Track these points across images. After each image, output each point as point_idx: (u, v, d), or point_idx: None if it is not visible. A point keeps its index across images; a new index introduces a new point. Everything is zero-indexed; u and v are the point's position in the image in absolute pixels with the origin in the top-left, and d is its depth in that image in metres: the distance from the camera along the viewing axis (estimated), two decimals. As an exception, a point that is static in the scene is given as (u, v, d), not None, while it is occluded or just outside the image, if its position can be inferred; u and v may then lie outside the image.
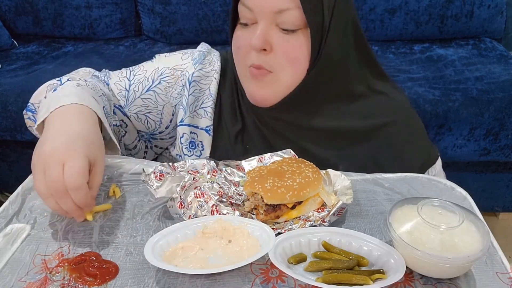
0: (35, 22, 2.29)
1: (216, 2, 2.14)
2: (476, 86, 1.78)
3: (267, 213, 0.71)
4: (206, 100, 0.95)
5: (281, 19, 0.80)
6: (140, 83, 0.95)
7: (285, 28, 0.81)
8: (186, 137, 0.95)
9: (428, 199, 0.66)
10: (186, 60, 0.95)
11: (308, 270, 0.64)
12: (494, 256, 0.67)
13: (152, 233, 0.69)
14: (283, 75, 0.84)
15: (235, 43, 0.87)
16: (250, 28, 0.83)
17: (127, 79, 0.95)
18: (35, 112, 0.89)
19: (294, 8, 0.79)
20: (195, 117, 0.95)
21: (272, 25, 0.81)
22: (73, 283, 0.62)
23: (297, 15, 0.80)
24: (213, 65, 0.96)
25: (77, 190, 0.67)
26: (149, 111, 0.95)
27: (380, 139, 0.90)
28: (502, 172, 1.90)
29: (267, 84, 0.85)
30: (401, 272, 0.60)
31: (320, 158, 0.87)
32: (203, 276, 0.63)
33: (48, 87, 0.87)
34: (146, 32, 2.32)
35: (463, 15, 2.12)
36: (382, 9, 2.12)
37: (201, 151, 0.95)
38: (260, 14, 0.81)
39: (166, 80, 0.94)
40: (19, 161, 2.01)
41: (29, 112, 0.90)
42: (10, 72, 1.98)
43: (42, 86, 0.89)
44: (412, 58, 2.05)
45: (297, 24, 0.80)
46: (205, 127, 0.95)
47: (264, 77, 0.84)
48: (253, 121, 0.93)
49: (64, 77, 0.89)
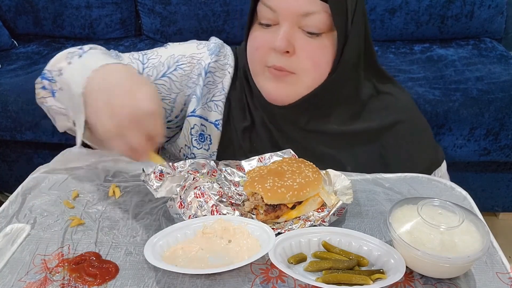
0: (35, 22, 2.29)
1: (216, 2, 2.14)
2: (476, 86, 1.78)
3: (267, 213, 0.71)
4: (218, 94, 0.93)
5: (306, 22, 0.80)
6: (155, 68, 0.91)
7: (309, 31, 0.80)
8: (197, 128, 0.94)
9: (428, 199, 0.66)
10: (202, 50, 0.93)
11: (308, 270, 0.63)
12: (494, 256, 0.67)
13: (152, 233, 0.69)
14: (305, 77, 0.84)
15: (253, 43, 0.86)
16: (271, 29, 0.82)
17: (140, 62, 0.91)
18: (52, 80, 0.80)
19: (320, 11, 0.79)
20: (205, 109, 0.94)
21: (295, 27, 0.80)
22: (73, 283, 0.62)
23: (323, 19, 0.79)
24: (227, 59, 0.94)
25: (151, 115, 0.65)
26: (161, 98, 0.91)
27: (388, 139, 0.90)
28: (502, 172, 1.90)
29: (288, 84, 0.84)
30: (401, 272, 0.60)
31: (328, 159, 0.87)
32: (203, 276, 0.63)
33: (68, 54, 0.80)
34: (146, 32, 2.32)
35: (463, 15, 2.12)
36: (382, 9, 2.12)
37: (209, 145, 0.94)
38: (284, 16, 0.80)
39: (182, 67, 0.92)
40: (19, 161, 2.01)
41: (45, 80, 0.81)
42: (10, 72, 1.98)
43: (60, 54, 0.81)
44: (412, 58, 2.06)
45: (322, 27, 0.80)
46: (214, 121, 0.94)
47: (285, 77, 0.84)
48: (261, 119, 0.93)
49: (84, 46, 0.83)
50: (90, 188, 0.81)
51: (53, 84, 0.80)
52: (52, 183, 0.82)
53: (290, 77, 0.84)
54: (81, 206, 0.77)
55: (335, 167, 0.81)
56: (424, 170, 0.86)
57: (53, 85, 0.80)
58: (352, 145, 0.90)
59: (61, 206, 0.77)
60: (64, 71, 0.76)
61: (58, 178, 0.83)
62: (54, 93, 0.80)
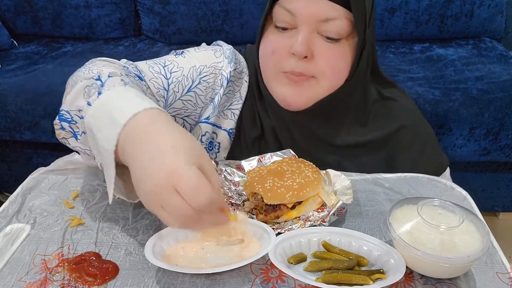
0: (34, 22, 2.28)
1: (215, 1, 2.14)
2: (476, 86, 1.78)
3: (267, 213, 0.71)
4: (236, 103, 0.92)
5: (326, 27, 0.79)
6: (180, 83, 0.86)
7: (329, 37, 0.80)
8: (208, 136, 0.92)
9: (428, 199, 0.66)
10: (220, 58, 0.90)
11: (308, 270, 0.63)
12: (494, 256, 0.67)
13: (152, 233, 0.69)
14: (324, 82, 0.83)
15: (268, 46, 0.84)
16: (288, 33, 0.82)
17: (164, 77, 0.85)
18: (72, 122, 0.71)
19: (340, 17, 0.78)
20: (221, 117, 0.92)
21: (313, 33, 0.80)
22: (73, 283, 0.62)
23: (343, 25, 0.79)
24: (243, 67, 0.93)
25: (208, 206, 0.55)
26: (188, 114, 0.89)
27: (393, 146, 0.90)
28: (502, 172, 1.90)
29: (306, 88, 0.84)
30: (401, 272, 0.60)
31: (336, 169, 0.86)
32: (203, 276, 0.63)
33: (85, 89, 0.70)
34: (146, 32, 2.32)
35: (463, 15, 2.12)
36: (382, 8, 2.12)
37: (217, 153, 0.94)
38: (303, 20, 0.79)
39: (206, 79, 0.88)
40: (19, 161, 2.01)
41: (65, 122, 0.72)
42: (9, 72, 1.98)
43: (76, 89, 0.70)
44: (412, 57, 2.05)
45: (342, 33, 0.80)
46: (228, 129, 0.93)
47: (304, 82, 0.83)
48: (271, 128, 0.92)
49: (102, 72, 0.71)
50: (90, 188, 0.81)
51: (73, 125, 0.72)
52: (52, 183, 0.82)
53: (309, 81, 0.83)
54: (81, 206, 0.77)
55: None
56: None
57: (74, 127, 0.72)
58: (360, 155, 0.90)
59: (61, 206, 0.77)
60: (85, 113, 0.66)
61: (58, 178, 0.83)
62: (77, 136, 0.72)
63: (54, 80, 1.87)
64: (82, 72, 0.74)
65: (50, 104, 1.76)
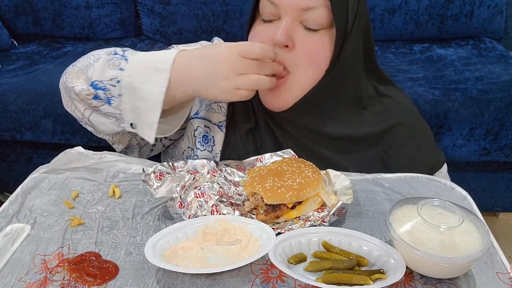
0: (34, 22, 2.28)
1: (216, 2, 2.14)
2: (476, 86, 1.78)
3: (267, 213, 0.71)
4: None
5: (307, 16, 0.80)
6: None
7: (309, 27, 0.81)
8: (200, 130, 0.94)
9: (428, 199, 0.66)
10: None
11: (308, 270, 0.63)
12: (494, 256, 0.67)
13: (152, 233, 0.69)
14: (301, 76, 0.84)
15: (255, 38, 0.86)
16: (273, 24, 0.83)
17: None
18: (106, 89, 0.81)
19: (321, 6, 0.79)
20: (209, 111, 0.94)
21: (296, 22, 0.81)
22: (73, 283, 0.62)
23: (323, 14, 0.80)
24: None
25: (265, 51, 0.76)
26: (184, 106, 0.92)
27: (388, 142, 0.90)
28: (502, 172, 1.90)
29: (283, 92, 0.85)
30: (401, 272, 0.60)
31: (331, 162, 0.87)
32: (203, 276, 0.63)
33: (109, 62, 0.82)
34: (146, 32, 2.32)
35: (463, 15, 2.12)
36: (382, 9, 2.12)
37: (212, 146, 0.94)
38: (285, 10, 0.80)
39: None
40: (19, 161, 2.01)
41: (100, 90, 0.81)
42: (9, 72, 1.98)
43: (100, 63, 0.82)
44: (412, 58, 2.05)
45: (322, 23, 0.81)
46: (218, 122, 0.94)
47: (280, 86, 0.84)
48: (265, 121, 0.93)
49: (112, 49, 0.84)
50: (90, 188, 0.81)
51: (107, 92, 0.81)
52: (52, 183, 0.82)
53: (286, 83, 0.84)
54: (81, 206, 0.77)
55: (338, 171, 0.81)
56: (424, 173, 0.86)
57: (107, 93, 0.81)
58: (354, 150, 0.90)
59: (61, 206, 0.77)
60: (121, 77, 0.79)
61: (58, 178, 0.83)
62: (110, 101, 0.81)
63: (54, 80, 1.85)
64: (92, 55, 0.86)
65: (51, 104, 1.76)
